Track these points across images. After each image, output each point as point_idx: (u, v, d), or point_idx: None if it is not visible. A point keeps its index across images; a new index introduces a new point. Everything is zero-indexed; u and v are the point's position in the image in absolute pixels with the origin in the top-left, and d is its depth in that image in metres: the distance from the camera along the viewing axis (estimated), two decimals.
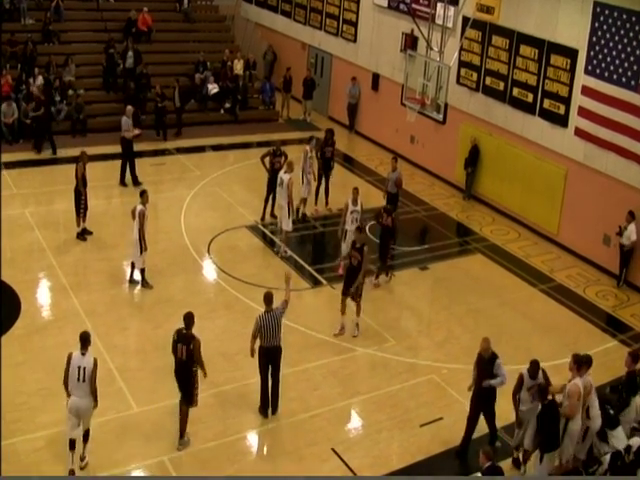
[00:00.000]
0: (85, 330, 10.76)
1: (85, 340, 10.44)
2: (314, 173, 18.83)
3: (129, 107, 20.05)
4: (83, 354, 10.39)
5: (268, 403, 11.91)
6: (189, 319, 11.15)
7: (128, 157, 19.77)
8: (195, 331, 13.92)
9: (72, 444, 10.44)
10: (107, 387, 12.14)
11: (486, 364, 11.25)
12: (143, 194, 15.15)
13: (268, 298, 11.77)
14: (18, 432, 10.99)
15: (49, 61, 23.47)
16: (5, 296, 14.25)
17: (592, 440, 10.85)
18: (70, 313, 14.11)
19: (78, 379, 10.26)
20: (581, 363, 10.90)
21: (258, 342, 11.70)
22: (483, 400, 11.34)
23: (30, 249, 16.32)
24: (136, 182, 19.77)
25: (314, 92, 26.20)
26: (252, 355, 11.77)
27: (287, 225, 16.88)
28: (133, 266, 15.27)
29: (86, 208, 16.72)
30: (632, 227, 16.37)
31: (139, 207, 14.92)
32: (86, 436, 10.53)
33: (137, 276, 15.30)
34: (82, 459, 10.61)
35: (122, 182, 19.75)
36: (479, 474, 9.92)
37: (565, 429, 10.60)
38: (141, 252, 15.00)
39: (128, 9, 26.27)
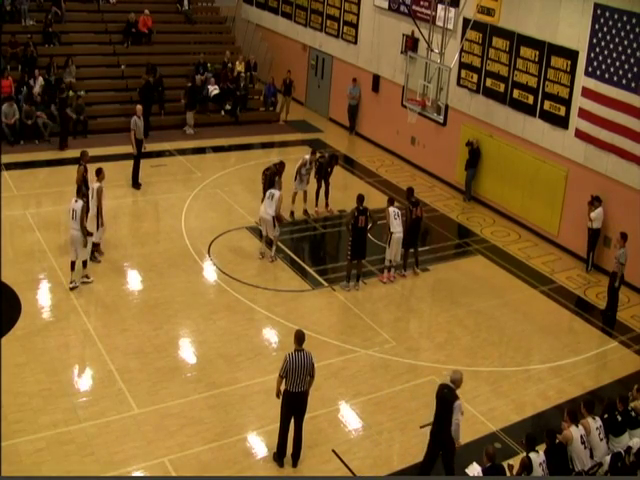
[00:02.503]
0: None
1: (78, 189, 15.53)
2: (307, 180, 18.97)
3: (139, 107, 20.00)
4: (76, 201, 14.60)
5: (285, 452, 11.00)
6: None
7: (138, 158, 19.81)
8: (196, 332, 14.06)
9: (72, 265, 14.78)
10: (107, 388, 12.21)
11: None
12: (100, 172, 15.78)
13: (299, 337, 10.67)
14: (19, 433, 10.98)
15: (50, 62, 23.49)
16: (6, 297, 14.25)
17: None
18: (70, 314, 14.10)
19: (73, 218, 14.49)
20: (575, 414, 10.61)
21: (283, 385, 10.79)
22: None
23: (31, 250, 16.31)
24: (136, 183, 19.78)
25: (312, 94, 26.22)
26: (278, 397, 10.80)
27: (275, 232, 16.69)
28: (94, 245, 15.75)
29: (88, 210, 16.70)
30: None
31: (96, 185, 15.56)
32: (77, 264, 14.74)
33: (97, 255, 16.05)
34: (71, 281, 14.73)
35: (136, 183, 19.80)
36: (479, 474, 9.92)
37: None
38: (98, 228, 15.58)
39: (129, 11, 26.29)
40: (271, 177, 17.52)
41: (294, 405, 10.79)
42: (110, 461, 10.72)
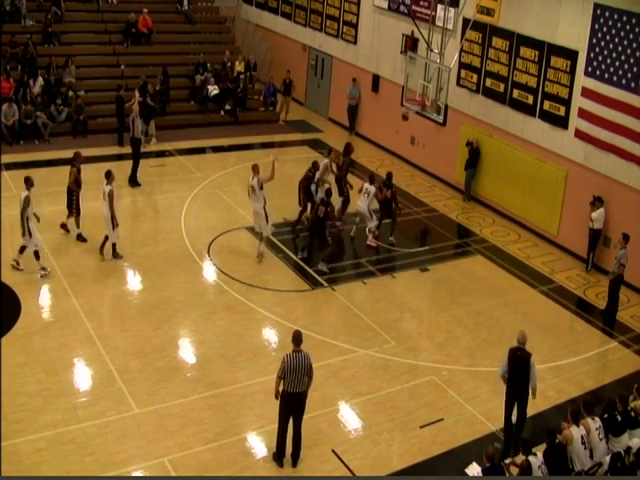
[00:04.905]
0: None
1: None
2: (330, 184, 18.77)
3: (135, 106, 20.07)
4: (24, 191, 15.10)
5: (284, 452, 11.03)
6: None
7: (136, 157, 19.81)
8: (196, 333, 14.05)
9: (34, 254, 15.16)
10: (107, 388, 12.22)
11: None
12: (109, 175, 15.95)
13: (297, 338, 10.69)
14: (19, 433, 10.99)
15: (49, 62, 23.49)
16: (5, 297, 14.27)
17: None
18: (70, 314, 14.11)
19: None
20: (577, 414, 10.66)
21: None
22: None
23: (30, 250, 16.28)
24: (135, 183, 19.79)
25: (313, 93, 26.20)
26: (277, 398, 10.81)
27: (267, 231, 16.68)
28: (106, 239, 16.13)
29: (78, 210, 16.71)
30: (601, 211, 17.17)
31: (107, 187, 15.79)
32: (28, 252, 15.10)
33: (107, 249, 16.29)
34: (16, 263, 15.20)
35: (134, 183, 19.80)
36: (479, 474, 9.92)
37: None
38: (113, 228, 15.94)
39: (129, 11, 26.30)
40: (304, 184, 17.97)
41: (293, 405, 10.81)
42: (110, 461, 10.73)
